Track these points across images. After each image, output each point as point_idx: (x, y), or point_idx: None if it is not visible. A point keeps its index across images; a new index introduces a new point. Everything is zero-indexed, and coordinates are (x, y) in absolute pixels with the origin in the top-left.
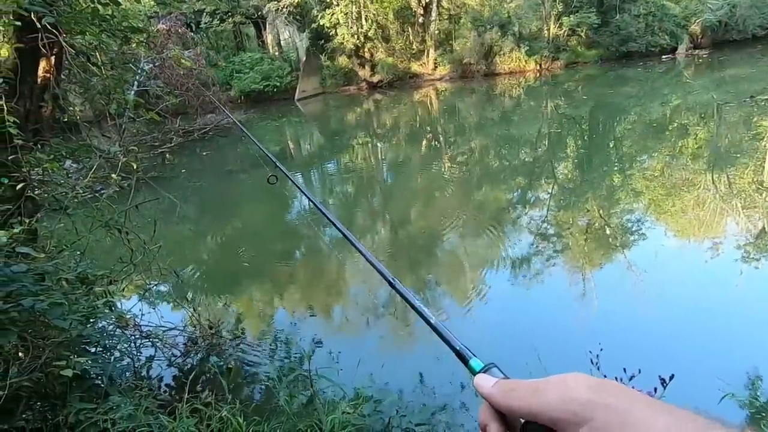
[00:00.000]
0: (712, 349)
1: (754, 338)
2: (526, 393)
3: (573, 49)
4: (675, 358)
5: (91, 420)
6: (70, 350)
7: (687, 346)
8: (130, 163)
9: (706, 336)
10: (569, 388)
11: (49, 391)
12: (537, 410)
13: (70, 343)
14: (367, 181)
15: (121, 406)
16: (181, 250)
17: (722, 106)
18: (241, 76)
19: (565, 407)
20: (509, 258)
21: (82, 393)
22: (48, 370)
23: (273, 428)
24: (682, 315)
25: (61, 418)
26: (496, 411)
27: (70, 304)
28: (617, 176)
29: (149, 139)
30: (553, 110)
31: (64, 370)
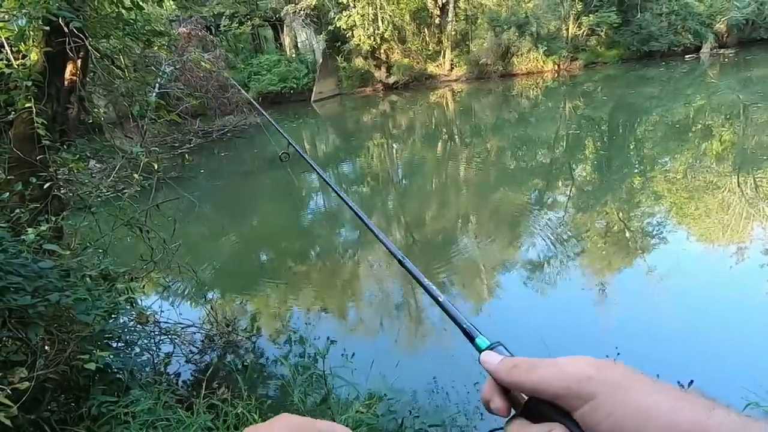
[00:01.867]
0: (735, 357)
1: None
2: (530, 369)
3: (592, 49)
4: (695, 365)
5: (112, 413)
6: (94, 344)
7: (708, 353)
8: (151, 164)
9: (728, 343)
10: (573, 365)
11: (73, 384)
12: (540, 385)
13: (93, 338)
14: (382, 182)
15: (141, 400)
16: (200, 249)
17: (749, 106)
18: (258, 78)
19: (567, 383)
20: (525, 260)
21: (104, 386)
22: (72, 363)
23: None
24: (703, 322)
25: (85, 410)
26: (500, 387)
27: (93, 300)
28: (638, 178)
29: (169, 140)
30: (571, 111)
31: (88, 363)
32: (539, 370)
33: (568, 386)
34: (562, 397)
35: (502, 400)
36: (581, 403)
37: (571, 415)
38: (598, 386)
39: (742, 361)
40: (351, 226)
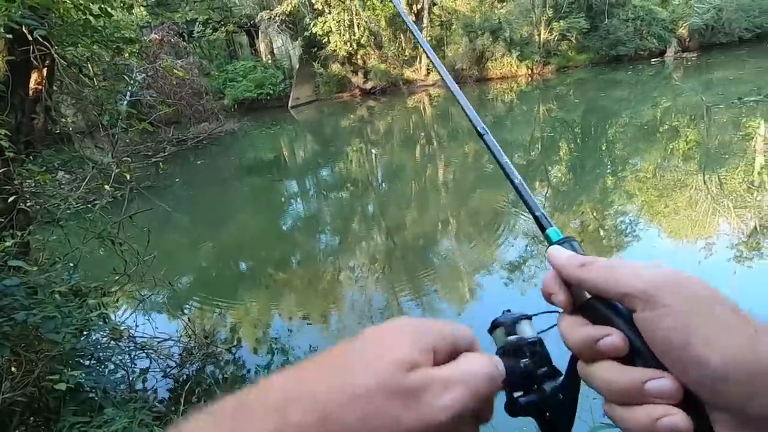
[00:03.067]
0: None
1: None
2: (601, 267)
3: (564, 53)
4: None
5: None
6: (64, 364)
7: None
8: (123, 174)
9: None
10: (650, 269)
11: (42, 405)
12: (608, 284)
13: (63, 357)
14: (362, 186)
15: (116, 419)
16: (176, 260)
17: (711, 107)
18: (234, 85)
19: (640, 285)
20: (505, 261)
21: (76, 406)
22: (41, 384)
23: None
24: None
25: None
26: (564, 282)
27: (63, 317)
28: (610, 178)
29: (142, 148)
30: (545, 114)
31: (58, 384)
32: (611, 270)
33: (642, 288)
34: (631, 298)
35: (566, 294)
36: (648, 308)
37: (632, 319)
38: (676, 295)
39: None
40: (331, 232)
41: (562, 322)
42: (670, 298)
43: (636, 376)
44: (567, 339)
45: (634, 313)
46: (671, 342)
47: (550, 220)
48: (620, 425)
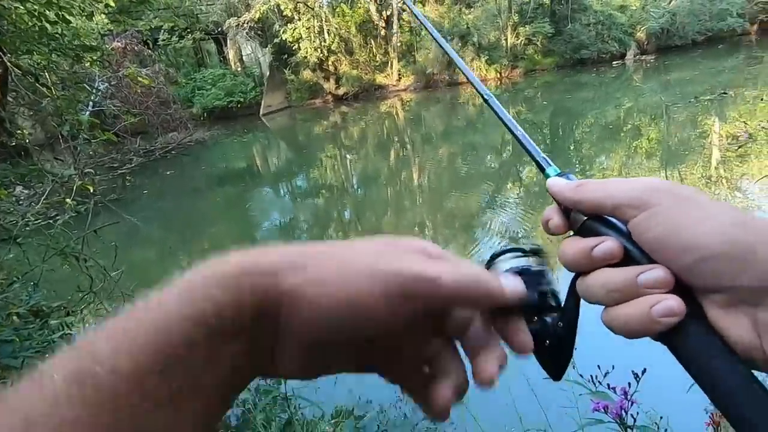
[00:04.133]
0: None
1: None
2: (593, 184)
3: (530, 57)
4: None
5: None
6: None
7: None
8: (85, 187)
9: None
10: (637, 180)
11: None
12: (602, 198)
13: None
14: (337, 193)
15: None
16: (147, 274)
17: (670, 107)
18: (203, 93)
19: (629, 192)
20: (481, 261)
21: None
22: None
23: None
24: None
25: None
26: (561, 208)
27: (21, 341)
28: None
29: (107, 160)
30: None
31: None
32: (603, 185)
33: (631, 195)
34: (622, 207)
35: (560, 217)
36: (640, 212)
37: (624, 229)
38: (663, 196)
39: None
40: (308, 239)
41: (561, 245)
42: (658, 199)
43: (630, 272)
44: (564, 256)
45: (627, 223)
46: (662, 236)
47: (550, 161)
48: (620, 327)
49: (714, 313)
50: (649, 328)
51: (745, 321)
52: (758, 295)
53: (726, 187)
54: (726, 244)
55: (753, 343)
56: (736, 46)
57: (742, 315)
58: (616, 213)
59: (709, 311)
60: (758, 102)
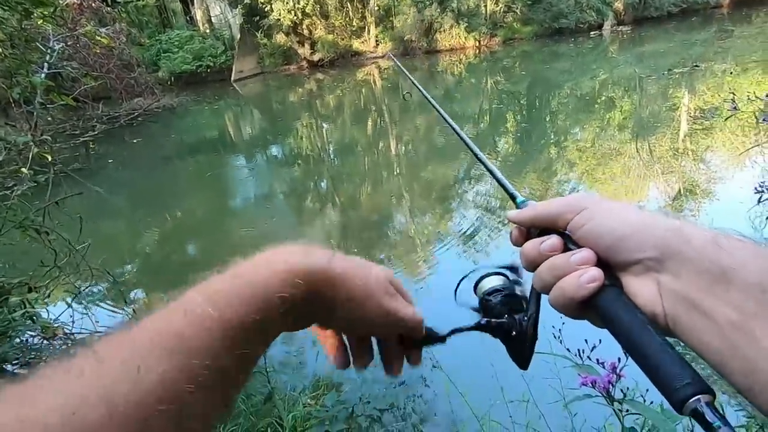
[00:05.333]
0: None
1: None
2: (541, 206)
3: (509, 25)
4: None
5: None
6: None
7: None
8: (43, 155)
9: None
10: (574, 195)
11: None
12: (547, 212)
13: None
14: (313, 163)
15: None
16: (116, 248)
17: (644, 79)
18: (169, 56)
19: (567, 202)
20: (458, 231)
21: None
22: None
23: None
24: None
25: None
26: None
27: None
28: (554, 148)
29: (68, 127)
30: (493, 86)
31: None
32: (549, 204)
33: (569, 203)
34: (563, 214)
35: (518, 233)
36: (575, 214)
37: (564, 231)
38: (588, 201)
39: None
40: (285, 210)
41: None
42: (587, 204)
43: (566, 255)
44: (523, 256)
45: (567, 224)
46: (589, 227)
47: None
48: (558, 298)
49: (629, 282)
50: (578, 294)
51: (650, 285)
52: (659, 262)
53: (691, 159)
54: (633, 227)
55: (656, 301)
56: (709, 19)
57: (649, 281)
58: (559, 220)
59: (626, 281)
60: (726, 75)
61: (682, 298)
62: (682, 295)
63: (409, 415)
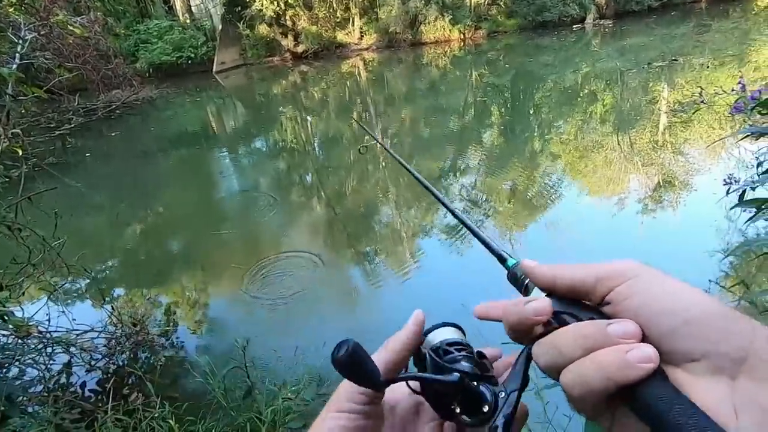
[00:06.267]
0: None
1: None
2: (572, 267)
3: (494, 18)
4: None
5: None
6: None
7: None
8: (14, 149)
9: None
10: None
11: None
12: (573, 274)
13: None
14: (298, 156)
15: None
16: (95, 244)
17: (625, 72)
18: (148, 47)
19: (607, 267)
20: (444, 224)
21: None
22: None
23: (209, 427)
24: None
25: None
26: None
27: None
28: (537, 141)
29: (43, 120)
30: (477, 79)
31: None
32: (581, 266)
33: (612, 267)
34: (600, 280)
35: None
36: (619, 283)
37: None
38: (640, 269)
39: None
40: (269, 205)
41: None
42: (635, 271)
43: (598, 323)
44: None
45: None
46: (644, 301)
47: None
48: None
49: (685, 381)
50: (623, 375)
51: (721, 391)
52: (738, 364)
53: (670, 151)
54: (707, 310)
55: (726, 412)
56: (688, 14)
57: (718, 384)
58: (598, 286)
59: (680, 380)
60: (704, 69)
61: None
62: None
63: None
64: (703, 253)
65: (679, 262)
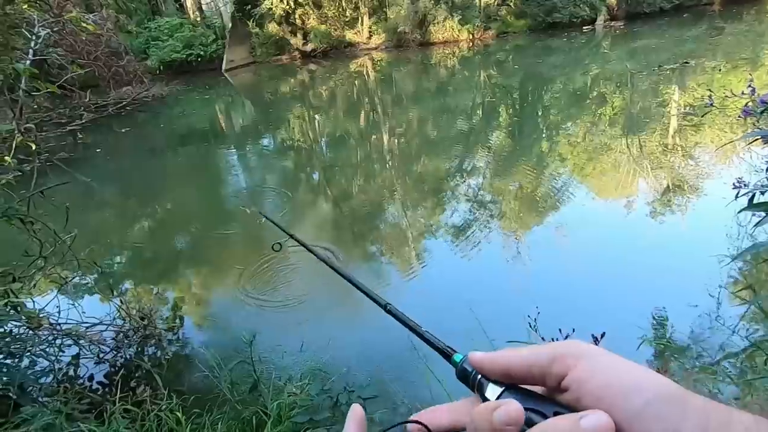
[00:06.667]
0: (630, 298)
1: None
2: (518, 351)
3: (503, 19)
4: (602, 312)
5: None
6: None
7: (611, 299)
8: (26, 144)
9: (627, 288)
10: (555, 342)
11: None
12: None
13: None
14: (305, 155)
15: (37, 416)
16: (104, 238)
17: (635, 74)
18: (159, 44)
19: (555, 347)
20: (448, 226)
21: None
22: None
23: (215, 419)
24: (605, 270)
25: None
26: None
27: None
28: (545, 143)
29: (55, 115)
30: (486, 80)
31: None
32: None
33: (558, 348)
34: (555, 361)
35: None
36: (574, 364)
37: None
38: (589, 349)
39: (635, 301)
40: (276, 203)
41: None
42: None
43: (570, 418)
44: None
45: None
46: (606, 382)
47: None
48: None
49: None
50: None
51: None
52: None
53: (680, 154)
54: (664, 391)
55: None
56: (700, 16)
57: None
58: (554, 367)
59: None
60: (716, 72)
61: None
62: None
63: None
64: (712, 258)
65: (687, 266)
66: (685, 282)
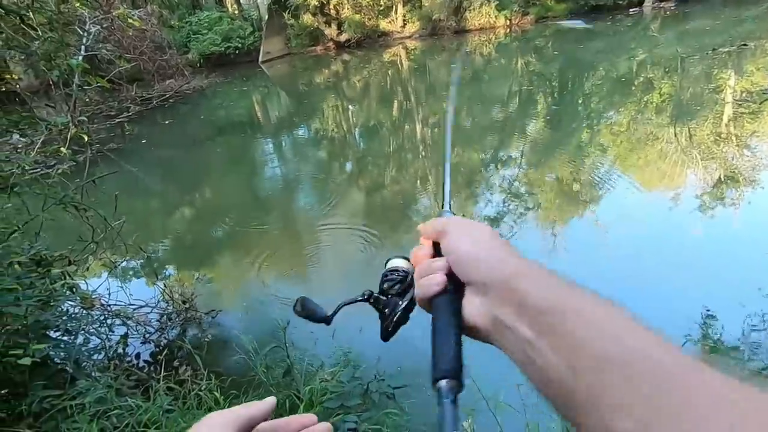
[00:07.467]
0: (675, 296)
1: (711, 282)
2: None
3: (543, 3)
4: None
5: (57, 407)
6: (28, 337)
7: (654, 297)
8: (80, 135)
9: (671, 285)
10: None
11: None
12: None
13: (27, 330)
14: (339, 145)
15: (90, 389)
16: (149, 225)
17: (686, 59)
18: (199, 38)
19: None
20: (483, 217)
21: (46, 380)
22: (4, 359)
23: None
24: (646, 265)
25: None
26: None
27: (24, 289)
28: (585, 132)
29: (104, 108)
30: (523, 67)
31: (23, 358)
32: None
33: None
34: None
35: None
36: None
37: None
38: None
39: (680, 299)
40: (310, 192)
41: None
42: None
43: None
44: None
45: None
46: (446, 245)
47: None
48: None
49: (467, 296)
50: (427, 292)
51: (476, 303)
52: (483, 287)
53: (735, 144)
54: (466, 254)
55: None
56: None
57: (476, 299)
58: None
59: (467, 294)
60: None
61: (493, 317)
62: (493, 315)
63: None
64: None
65: (738, 262)
66: (736, 281)
